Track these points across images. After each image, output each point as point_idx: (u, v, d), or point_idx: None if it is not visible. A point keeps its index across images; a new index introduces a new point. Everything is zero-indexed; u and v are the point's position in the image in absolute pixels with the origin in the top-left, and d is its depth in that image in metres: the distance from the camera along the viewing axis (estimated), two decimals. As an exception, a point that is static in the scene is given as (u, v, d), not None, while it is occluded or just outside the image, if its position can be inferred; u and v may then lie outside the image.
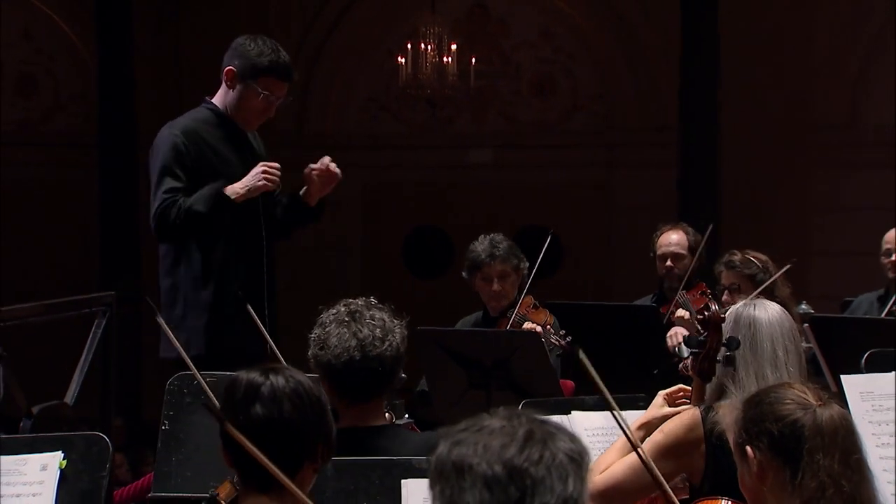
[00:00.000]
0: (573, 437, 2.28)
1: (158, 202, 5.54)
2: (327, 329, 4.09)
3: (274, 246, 5.84)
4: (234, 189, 5.55)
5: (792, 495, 3.19)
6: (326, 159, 5.72)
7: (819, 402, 3.24)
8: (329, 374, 4.07)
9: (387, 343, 4.06)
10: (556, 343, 6.47)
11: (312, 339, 4.12)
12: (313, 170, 5.72)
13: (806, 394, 3.27)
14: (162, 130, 5.72)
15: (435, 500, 2.28)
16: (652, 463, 3.76)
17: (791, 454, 3.19)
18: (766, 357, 4.02)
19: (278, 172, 5.61)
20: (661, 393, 4.40)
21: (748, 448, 3.26)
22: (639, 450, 3.75)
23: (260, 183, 5.57)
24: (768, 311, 4.12)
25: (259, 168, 5.59)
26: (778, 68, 13.54)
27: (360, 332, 4.05)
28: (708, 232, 7.46)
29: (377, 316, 4.10)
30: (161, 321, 4.65)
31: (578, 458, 2.25)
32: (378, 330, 4.06)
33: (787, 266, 6.67)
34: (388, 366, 4.07)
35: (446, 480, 2.25)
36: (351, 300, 4.18)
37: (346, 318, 4.09)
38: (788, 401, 3.25)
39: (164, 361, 5.46)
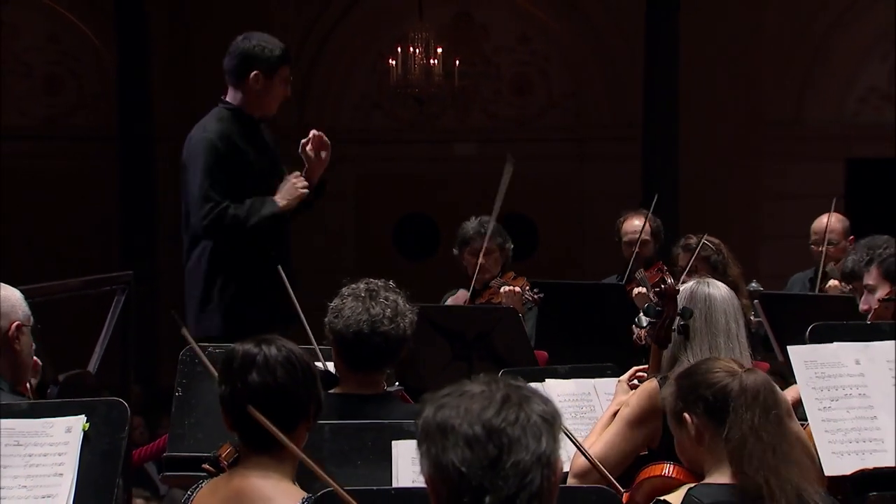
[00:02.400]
0: (546, 400, 2.29)
1: (209, 206, 5.48)
2: (344, 301, 4.09)
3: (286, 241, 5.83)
4: (281, 204, 5.59)
5: (724, 450, 3.27)
6: (313, 131, 5.74)
7: (744, 370, 3.34)
8: (338, 341, 4.07)
9: (395, 323, 4.05)
10: (530, 298, 6.57)
11: (331, 307, 4.12)
12: (305, 144, 5.71)
13: (732, 364, 3.38)
14: (196, 132, 5.64)
15: (422, 458, 2.28)
16: (597, 461, 3.82)
17: (724, 416, 3.28)
18: (721, 329, 4.06)
19: (305, 181, 5.63)
20: (621, 379, 4.42)
21: (685, 415, 3.34)
22: (588, 454, 3.82)
23: (298, 194, 5.60)
24: (720, 290, 4.16)
25: (290, 183, 5.61)
26: (732, 70, 13.58)
27: (373, 308, 4.04)
28: (654, 201, 7.48)
29: (391, 298, 4.09)
30: (187, 335, 4.53)
31: (551, 418, 2.26)
32: (389, 310, 4.05)
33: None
34: (392, 344, 4.06)
35: (432, 440, 2.25)
36: (373, 280, 4.16)
37: (363, 294, 4.09)
38: (717, 370, 3.34)
39: (177, 335, 5.46)
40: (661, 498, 3.29)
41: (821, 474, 3.49)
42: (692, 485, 3.33)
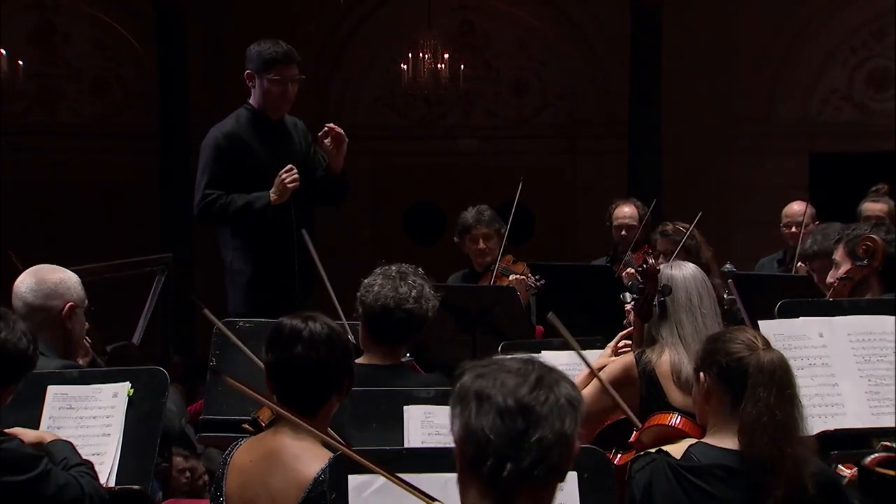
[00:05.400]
0: (574, 385, 2.30)
1: (201, 196, 5.60)
2: (375, 278, 4.09)
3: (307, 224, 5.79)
4: (273, 197, 5.56)
5: (731, 418, 3.21)
6: (328, 125, 5.69)
7: (763, 347, 3.26)
8: (367, 314, 4.07)
9: (418, 304, 4.05)
10: (533, 285, 6.52)
11: (363, 283, 4.11)
12: (322, 138, 5.68)
13: (755, 339, 3.28)
14: (211, 131, 5.70)
15: (454, 419, 2.28)
16: (612, 389, 3.81)
17: (734, 384, 3.21)
18: (681, 305, 4.04)
19: (294, 174, 5.57)
20: (609, 345, 4.43)
21: (701, 373, 3.29)
22: (600, 377, 3.80)
23: (288, 187, 5.55)
24: (683, 269, 4.14)
25: (279, 179, 5.56)
26: (708, 73, 13.57)
27: (401, 288, 4.04)
28: (652, 205, 7.48)
29: (418, 282, 4.09)
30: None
31: (576, 402, 2.27)
32: (415, 292, 4.05)
33: (698, 216, 6.69)
34: (414, 321, 4.06)
35: (466, 404, 2.25)
36: (405, 264, 4.16)
37: (394, 275, 4.09)
38: (739, 342, 3.27)
39: (212, 311, 5.45)
40: (663, 448, 3.27)
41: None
42: (693, 440, 3.31)
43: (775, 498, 3.08)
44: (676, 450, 3.25)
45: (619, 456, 3.98)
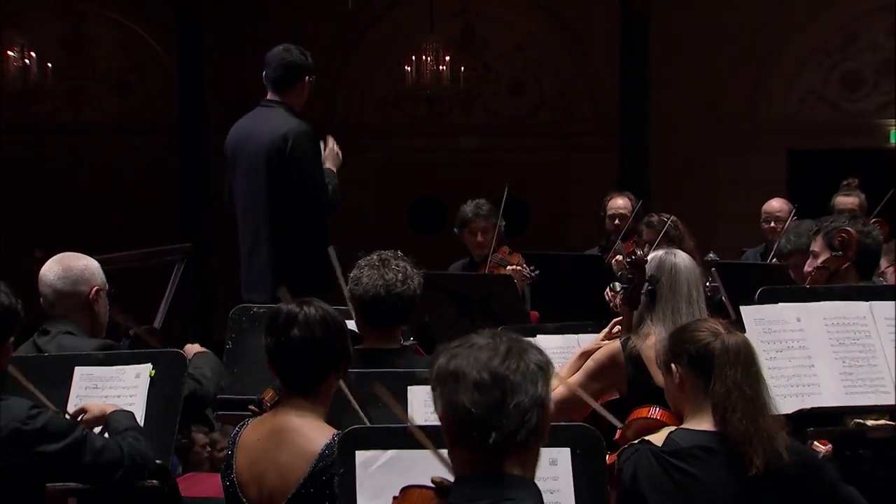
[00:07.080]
0: (541, 351, 2.33)
1: (330, 188, 5.49)
2: (362, 270, 4.01)
3: None
4: (334, 170, 5.60)
5: (704, 399, 3.22)
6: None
7: (727, 332, 3.27)
8: (359, 305, 4.00)
9: (406, 286, 3.98)
10: (528, 275, 6.51)
11: (350, 277, 4.04)
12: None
13: (717, 325, 3.30)
14: (296, 127, 5.43)
15: (436, 400, 2.30)
16: (595, 378, 3.80)
17: (704, 369, 3.22)
18: (683, 295, 4.01)
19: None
20: (603, 331, 4.41)
21: (672, 365, 3.28)
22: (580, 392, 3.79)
23: (340, 159, 5.65)
24: (684, 260, 4.11)
25: (336, 150, 5.62)
26: (693, 75, 13.57)
27: (387, 275, 3.97)
28: (639, 204, 7.47)
29: (401, 265, 4.02)
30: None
31: (545, 367, 2.30)
32: (400, 275, 3.98)
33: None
34: (405, 303, 4.01)
35: (445, 385, 2.28)
36: (383, 251, 4.10)
37: (377, 263, 4.02)
38: (703, 330, 3.28)
39: (228, 297, 5.44)
40: (646, 438, 3.27)
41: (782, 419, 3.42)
42: (673, 428, 3.30)
43: (756, 467, 3.08)
44: (658, 438, 3.25)
45: (606, 456, 3.97)
